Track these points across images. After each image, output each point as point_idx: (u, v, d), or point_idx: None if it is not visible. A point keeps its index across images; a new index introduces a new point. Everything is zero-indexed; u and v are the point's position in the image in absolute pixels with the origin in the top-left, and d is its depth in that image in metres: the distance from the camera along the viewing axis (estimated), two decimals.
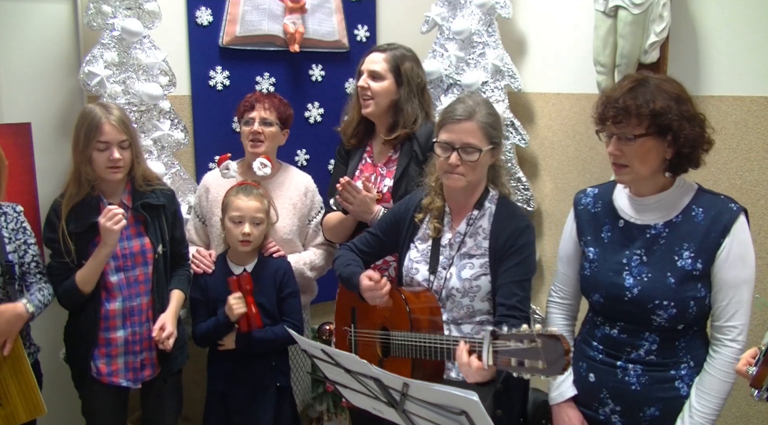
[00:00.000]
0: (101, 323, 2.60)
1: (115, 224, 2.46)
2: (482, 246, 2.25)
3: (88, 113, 2.54)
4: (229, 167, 2.86)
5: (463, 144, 2.17)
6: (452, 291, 2.25)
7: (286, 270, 2.79)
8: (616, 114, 1.94)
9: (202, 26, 3.37)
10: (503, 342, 1.77)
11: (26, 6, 3.03)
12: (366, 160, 2.85)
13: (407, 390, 1.67)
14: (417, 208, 2.39)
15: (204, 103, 3.39)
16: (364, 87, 2.71)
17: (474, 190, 2.28)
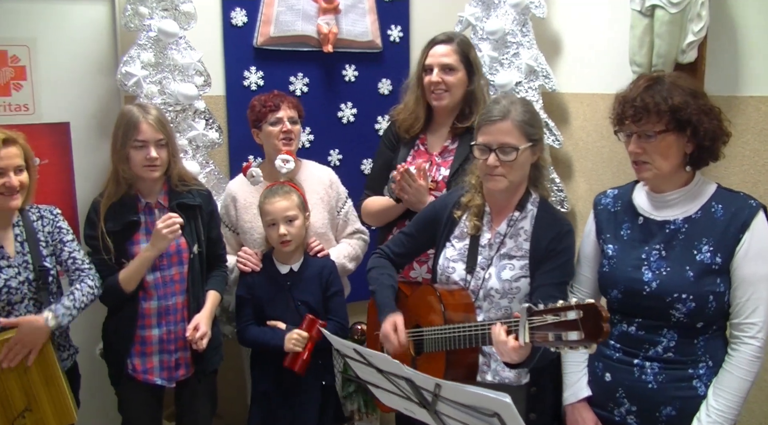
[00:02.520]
0: (137, 321, 2.64)
1: (171, 233, 2.51)
2: (523, 248, 2.24)
3: (126, 113, 2.59)
4: (255, 174, 2.87)
5: (499, 144, 2.16)
6: (491, 292, 2.24)
7: (332, 269, 2.81)
8: (635, 112, 1.97)
9: (236, 27, 3.39)
10: (540, 317, 1.76)
11: (65, 8, 3.08)
12: (419, 147, 2.83)
13: (439, 391, 1.66)
14: (456, 205, 2.38)
15: (238, 103, 3.41)
16: (437, 81, 2.71)
17: (515, 190, 2.27)
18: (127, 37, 3.08)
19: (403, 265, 2.58)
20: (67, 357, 2.55)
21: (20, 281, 2.39)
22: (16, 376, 2.31)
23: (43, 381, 2.35)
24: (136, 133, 2.55)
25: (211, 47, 3.33)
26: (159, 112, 2.65)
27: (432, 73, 2.72)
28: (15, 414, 2.32)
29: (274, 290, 2.77)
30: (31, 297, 2.42)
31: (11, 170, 2.33)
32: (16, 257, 2.41)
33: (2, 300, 2.36)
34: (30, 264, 2.43)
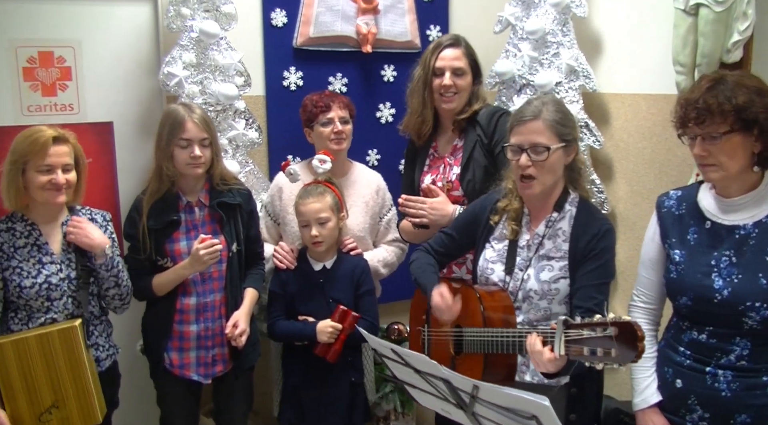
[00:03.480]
0: (176, 316, 2.67)
1: (210, 257, 2.55)
2: (562, 249, 2.21)
3: (171, 112, 2.63)
4: (292, 171, 2.89)
5: (531, 144, 2.15)
6: (530, 293, 2.22)
7: (364, 268, 2.82)
8: (698, 114, 1.91)
9: (276, 28, 3.42)
10: (576, 331, 1.75)
11: (109, 10, 3.13)
12: (433, 155, 2.86)
13: (477, 393, 1.65)
14: (492, 211, 2.37)
15: (278, 103, 3.45)
16: (449, 85, 2.72)
17: (552, 191, 2.25)
18: (170, 38, 3.12)
19: (444, 264, 2.58)
20: (105, 357, 2.59)
21: (61, 278, 2.44)
22: (46, 372, 2.35)
23: (72, 379, 2.38)
24: (181, 132, 2.59)
25: (251, 48, 3.36)
26: (203, 111, 2.69)
27: (443, 77, 2.73)
28: (42, 409, 2.35)
29: (306, 287, 2.79)
30: (70, 295, 2.46)
31: (59, 168, 2.37)
32: (60, 254, 2.46)
33: (42, 295, 2.40)
34: (72, 263, 2.47)
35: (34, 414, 2.34)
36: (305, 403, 2.79)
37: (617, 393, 3.05)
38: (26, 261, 2.41)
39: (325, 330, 2.67)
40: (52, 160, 2.36)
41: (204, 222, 2.70)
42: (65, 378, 2.37)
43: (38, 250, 2.43)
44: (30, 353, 2.32)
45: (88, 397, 2.39)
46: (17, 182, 2.37)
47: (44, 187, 2.36)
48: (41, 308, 2.42)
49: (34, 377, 2.33)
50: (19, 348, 2.31)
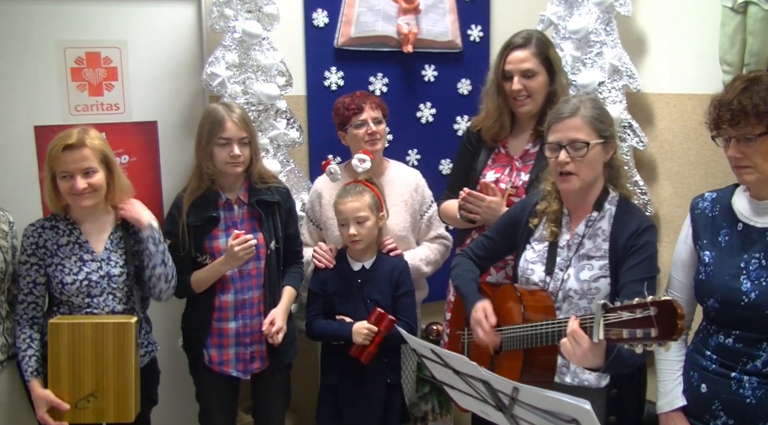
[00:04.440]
0: (215, 313, 2.71)
1: (245, 253, 2.58)
2: (602, 248, 2.19)
3: (212, 111, 2.67)
4: (333, 171, 2.90)
5: (569, 140, 2.13)
6: (569, 293, 2.20)
7: (403, 269, 2.81)
8: (732, 116, 1.89)
9: (318, 28, 3.44)
10: (615, 314, 1.73)
11: (154, 11, 3.18)
12: (499, 150, 2.80)
13: (517, 395, 1.64)
14: (531, 213, 2.36)
15: (319, 102, 3.46)
16: (519, 89, 2.65)
17: (590, 189, 2.22)
18: (213, 39, 3.16)
19: (485, 268, 2.57)
20: (144, 354, 2.64)
21: (101, 276, 2.49)
22: (93, 360, 2.41)
23: (116, 373, 2.43)
24: (221, 131, 2.62)
25: (293, 48, 3.38)
26: (243, 111, 2.72)
27: (512, 81, 2.66)
28: (81, 396, 2.42)
29: (345, 286, 2.80)
30: (110, 292, 2.52)
31: (78, 173, 2.40)
32: (102, 253, 2.52)
33: (82, 291, 2.47)
34: (112, 261, 2.53)
35: (72, 397, 2.41)
36: (342, 402, 2.80)
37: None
38: (68, 258, 2.47)
39: (360, 331, 2.68)
40: (69, 167, 2.40)
41: (243, 219, 2.73)
42: (109, 371, 2.42)
43: (79, 248, 2.49)
44: (83, 338, 2.39)
45: (127, 394, 2.44)
46: (51, 187, 2.45)
47: (69, 192, 2.42)
48: (82, 304, 2.48)
49: (81, 363, 2.40)
50: (74, 332, 2.39)
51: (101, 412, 2.44)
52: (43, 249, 2.46)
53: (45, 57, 3.02)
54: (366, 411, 2.78)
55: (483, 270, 2.56)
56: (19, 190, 2.99)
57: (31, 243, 2.46)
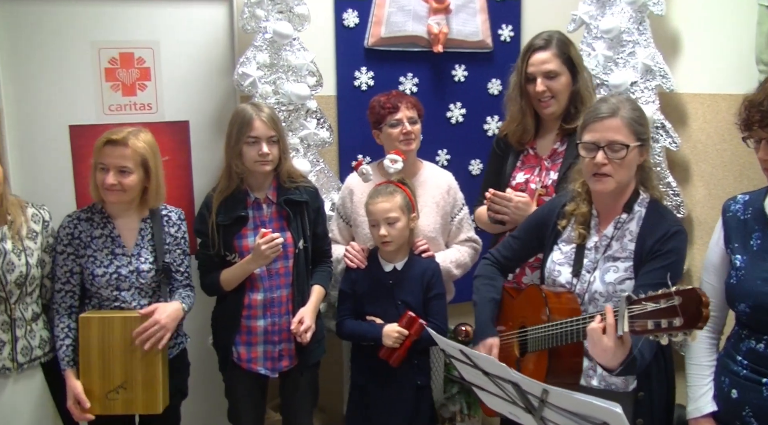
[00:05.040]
0: (244, 311, 2.73)
1: (272, 251, 2.59)
2: (628, 249, 2.16)
3: (241, 111, 2.70)
4: (365, 171, 2.90)
5: (608, 141, 2.09)
6: (595, 295, 2.18)
7: (435, 271, 2.80)
8: (762, 117, 1.86)
9: (348, 28, 3.45)
10: (639, 306, 1.71)
11: (187, 11, 3.21)
12: (528, 152, 2.80)
13: (546, 397, 1.63)
14: (559, 215, 2.33)
15: (349, 103, 3.47)
16: (543, 90, 2.65)
17: (623, 192, 2.20)
18: (244, 39, 3.18)
19: (512, 269, 2.56)
20: (173, 346, 2.68)
21: (130, 271, 2.55)
22: (122, 353, 2.48)
23: (144, 367, 2.49)
24: (249, 130, 2.64)
25: (323, 48, 3.40)
26: (271, 110, 2.74)
27: (536, 83, 2.66)
28: (111, 387, 2.48)
29: (376, 287, 2.80)
30: (138, 287, 2.57)
31: (112, 169, 2.46)
32: (133, 248, 2.57)
33: (111, 285, 2.53)
34: (142, 257, 2.58)
35: (103, 389, 2.47)
36: (371, 403, 2.80)
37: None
38: (100, 251, 2.54)
39: (390, 334, 2.67)
40: (107, 160, 2.47)
41: (271, 218, 2.75)
42: (137, 363, 2.48)
43: (111, 242, 2.56)
44: (112, 332, 2.46)
45: (154, 386, 2.50)
46: (94, 177, 2.52)
47: (100, 184, 2.49)
48: (110, 297, 2.55)
49: (111, 355, 2.47)
50: (104, 326, 2.46)
51: (130, 403, 2.50)
52: (78, 240, 2.54)
53: (79, 57, 3.07)
54: (395, 412, 2.77)
55: (509, 271, 2.55)
56: (54, 188, 3.05)
57: (67, 233, 2.53)
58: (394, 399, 2.77)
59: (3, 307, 2.41)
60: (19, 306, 2.44)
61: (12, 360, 2.42)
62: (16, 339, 2.43)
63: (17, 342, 2.43)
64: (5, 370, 2.41)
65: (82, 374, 2.47)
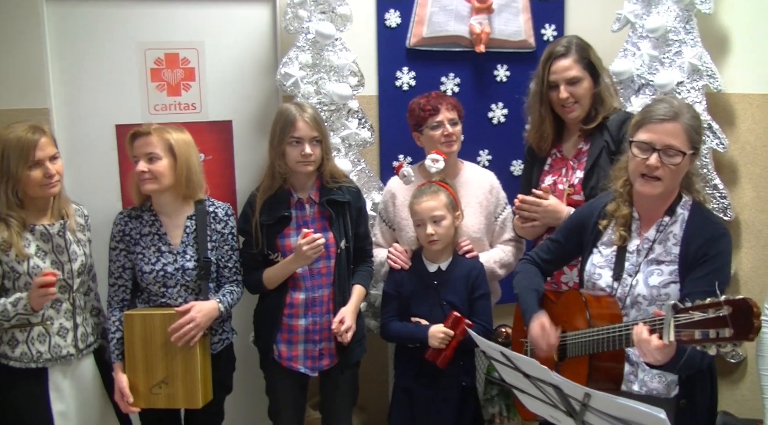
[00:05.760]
0: (285, 310, 2.75)
1: (313, 252, 2.61)
2: (672, 253, 2.12)
3: (284, 111, 2.72)
4: (406, 173, 2.90)
5: (665, 145, 2.05)
6: (638, 299, 2.14)
7: (480, 271, 2.79)
8: None
9: (390, 28, 3.45)
10: (686, 315, 1.67)
11: (231, 12, 3.25)
12: (556, 155, 2.80)
13: (588, 401, 1.62)
14: (601, 214, 2.30)
15: (390, 103, 3.48)
16: (566, 97, 2.65)
17: (667, 197, 2.16)
18: (287, 39, 3.21)
19: (550, 272, 2.54)
20: (217, 342, 2.72)
21: (176, 268, 2.60)
22: (164, 348, 2.53)
23: (183, 362, 2.54)
24: (292, 130, 2.66)
25: (365, 48, 3.41)
26: (315, 110, 2.75)
27: (558, 90, 2.66)
28: (155, 382, 2.54)
29: (421, 288, 2.79)
30: (183, 284, 2.62)
31: (142, 158, 2.53)
32: (178, 246, 2.61)
33: (158, 281, 2.59)
34: (187, 254, 2.62)
35: (147, 384, 2.54)
36: (415, 404, 2.79)
37: (737, 410, 2.90)
38: (148, 248, 2.60)
39: (436, 335, 2.66)
40: (135, 151, 2.55)
41: (314, 218, 2.76)
42: (177, 359, 2.54)
43: (159, 240, 2.61)
44: (154, 328, 2.52)
45: (194, 381, 2.55)
46: (135, 177, 2.59)
47: (137, 177, 2.55)
48: (158, 293, 2.62)
49: (153, 351, 2.53)
50: (146, 323, 2.53)
51: (172, 398, 2.56)
52: (128, 237, 2.61)
53: (126, 58, 3.13)
54: (440, 413, 2.76)
55: (548, 274, 2.53)
56: (100, 186, 3.12)
57: (119, 230, 2.62)
58: (439, 401, 2.76)
59: (67, 295, 2.50)
60: (78, 295, 2.55)
61: (74, 347, 2.51)
62: (76, 325, 2.53)
63: (77, 328, 2.53)
64: (69, 356, 2.50)
65: (127, 369, 2.54)
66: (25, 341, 2.44)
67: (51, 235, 2.47)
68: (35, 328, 2.45)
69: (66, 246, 2.49)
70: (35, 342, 2.45)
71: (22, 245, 2.41)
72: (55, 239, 2.47)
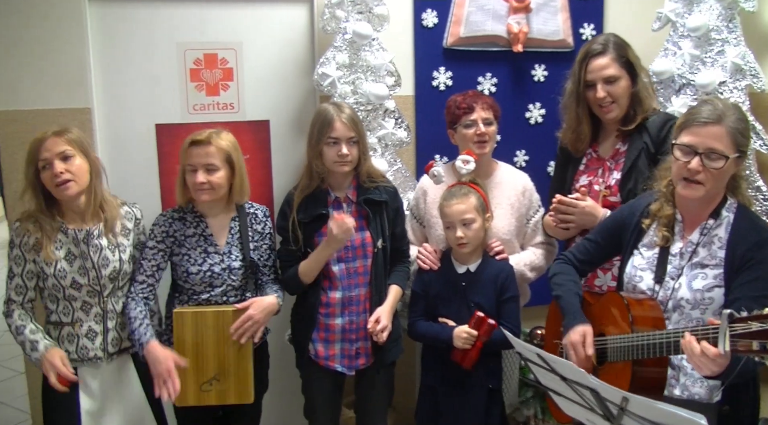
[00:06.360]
0: (322, 309, 2.76)
1: (344, 234, 2.61)
2: (717, 256, 2.08)
3: (322, 111, 2.73)
4: (436, 173, 2.89)
5: (707, 149, 2.01)
6: (681, 302, 2.11)
7: (509, 273, 2.77)
8: None
9: (427, 28, 3.45)
10: (743, 325, 1.64)
11: (269, 12, 3.28)
12: (591, 155, 2.76)
13: (626, 405, 1.60)
14: (644, 213, 2.27)
15: (427, 103, 3.48)
16: (603, 96, 2.61)
17: (711, 199, 2.12)
18: (324, 40, 3.22)
19: (586, 273, 2.51)
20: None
21: (222, 268, 2.62)
22: (215, 346, 2.55)
23: (236, 358, 2.57)
24: (330, 130, 2.67)
25: (402, 48, 3.41)
26: (352, 111, 2.76)
27: (595, 89, 2.62)
28: (205, 379, 2.56)
29: (448, 289, 2.78)
30: (230, 284, 2.64)
31: (200, 168, 2.54)
32: (224, 247, 2.65)
33: (205, 281, 2.61)
34: (233, 255, 2.65)
35: (197, 381, 2.55)
36: (441, 404, 2.79)
37: None
38: (194, 249, 2.62)
39: (460, 335, 2.65)
40: (194, 160, 2.54)
41: (351, 217, 2.77)
42: (230, 355, 2.56)
43: (204, 241, 2.63)
44: (205, 326, 2.53)
45: (246, 376, 2.58)
46: (181, 180, 2.61)
47: (194, 186, 2.56)
48: (203, 292, 2.62)
49: (204, 348, 2.54)
50: (197, 320, 2.54)
51: (224, 394, 2.58)
52: (172, 239, 2.62)
53: (166, 58, 3.17)
54: (465, 415, 2.74)
55: (583, 275, 2.50)
56: (140, 184, 3.16)
57: (162, 230, 2.62)
58: (464, 402, 2.75)
59: (97, 300, 2.52)
60: (111, 300, 2.55)
61: (103, 350, 2.53)
62: (107, 330, 2.53)
63: (108, 333, 2.54)
64: (96, 359, 2.52)
65: (176, 367, 2.51)
66: (56, 338, 2.49)
67: (79, 241, 2.49)
68: (65, 328, 2.49)
69: (89, 253, 2.48)
70: (65, 341, 2.49)
71: (51, 248, 2.43)
72: (81, 245, 2.49)
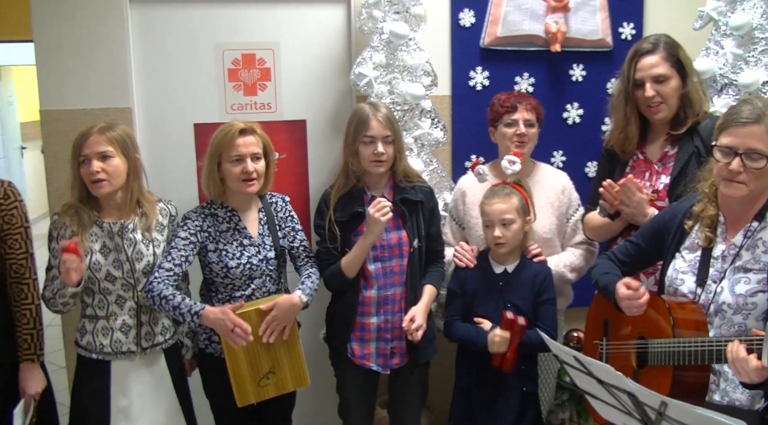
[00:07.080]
0: (358, 308, 2.77)
1: (383, 215, 2.61)
2: (761, 261, 2.04)
3: (358, 110, 2.75)
4: (481, 171, 2.88)
5: (747, 149, 1.98)
6: (722, 307, 2.07)
7: (546, 275, 2.75)
8: None
9: (464, 28, 3.44)
10: None
11: (306, 13, 3.30)
12: (638, 157, 2.71)
13: (664, 410, 1.58)
14: (687, 215, 2.24)
15: (463, 103, 3.47)
16: (652, 95, 2.57)
17: (755, 200, 2.08)
18: (361, 40, 3.24)
19: (628, 275, 2.47)
20: None
21: (260, 259, 2.66)
22: (264, 342, 2.57)
23: (286, 348, 2.61)
24: (366, 129, 2.69)
25: (438, 48, 3.41)
26: (388, 110, 2.77)
27: (644, 88, 2.57)
28: (261, 375, 2.58)
29: (485, 289, 2.77)
30: (268, 274, 2.68)
31: (248, 157, 2.58)
32: (258, 238, 2.68)
33: (245, 274, 2.64)
34: (267, 245, 2.69)
35: (254, 379, 2.57)
36: (475, 406, 2.78)
37: None
38: (230, 243, 2.64)
39: (494, 339, 2.64)
40: (241, 150, 2.57)
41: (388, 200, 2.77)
42: (280, 346, 2.60)
43: (239, 234, 2.67)
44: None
45: (300, 363, 2.65)
46: (214, 174, 2.62)
47: (238, 177, 2.58)
48: (242, 286, 2.66)
49: (254, 345, 2.55)
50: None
51: (281, 384, 2.63)
52: (206, 234, 2.65)
53: (205, 59, 3.22)
54: (499, 417, 2.73)
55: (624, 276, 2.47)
56: (179, 183, 3.21)
57: (195, 224, 2.64)
58: (499, 405, 2.73)
59: (131, 294, 2.55)
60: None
61: (136, 344, 2.56)
62: (140, 324, 2.57)
63: (141, 327, 2.57)
64: (130, 353, 2.56)
65: (231, 371, 2.53)
66: (91, 331, 2.54)
67: (114, 234, 2.52)
68: (100, 321, 2.53)
69: (123, 245, 2.52)
70: (99, 335, 2.53)
71: (86, 237, 2.48)
72: (116, 238, 2.52)
